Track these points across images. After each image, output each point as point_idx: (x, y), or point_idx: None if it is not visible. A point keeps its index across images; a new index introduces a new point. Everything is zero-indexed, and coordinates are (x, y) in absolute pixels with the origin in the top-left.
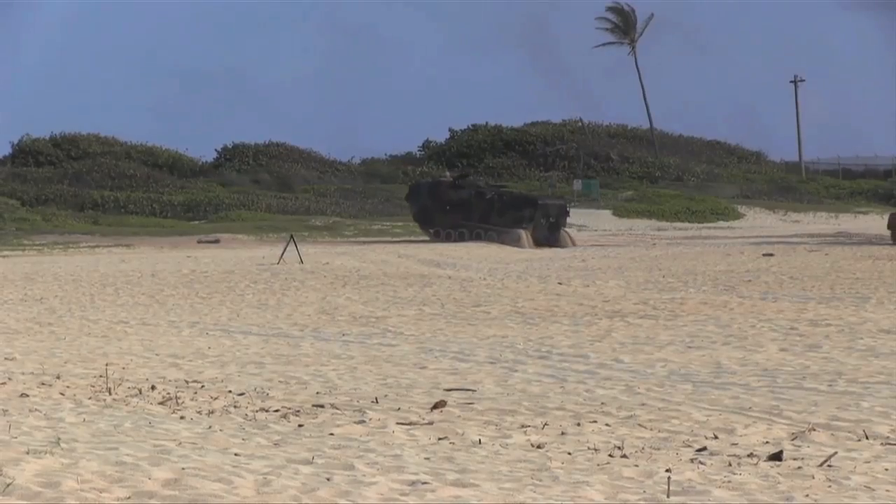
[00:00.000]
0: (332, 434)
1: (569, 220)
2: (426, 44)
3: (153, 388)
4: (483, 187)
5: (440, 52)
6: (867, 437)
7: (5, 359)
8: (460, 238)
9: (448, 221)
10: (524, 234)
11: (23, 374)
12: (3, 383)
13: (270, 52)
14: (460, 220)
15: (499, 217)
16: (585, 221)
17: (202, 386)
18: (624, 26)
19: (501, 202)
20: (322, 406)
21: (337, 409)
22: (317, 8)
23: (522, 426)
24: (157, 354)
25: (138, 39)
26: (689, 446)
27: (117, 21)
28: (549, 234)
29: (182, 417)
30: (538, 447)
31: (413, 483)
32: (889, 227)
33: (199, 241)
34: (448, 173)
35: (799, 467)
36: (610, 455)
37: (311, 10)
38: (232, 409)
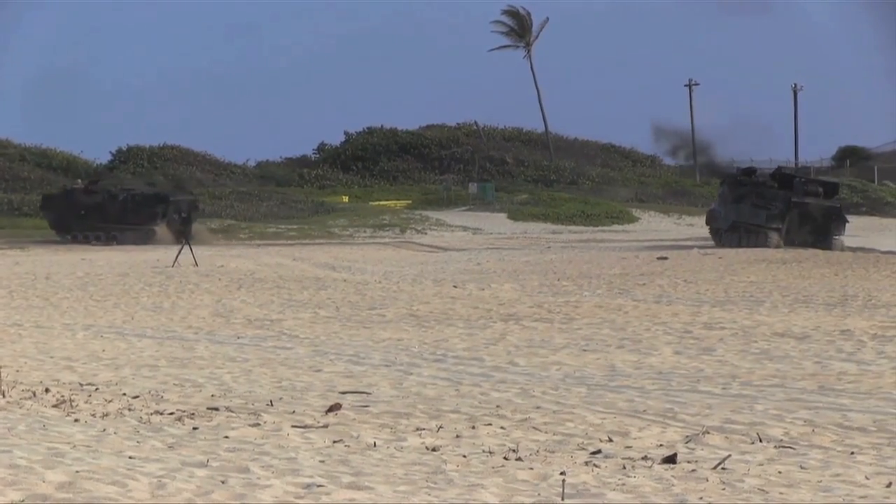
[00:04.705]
0: (226, 437)
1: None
2: (321, 45)
3: (47, 390)
4: (115, 190)
5: (336, 53)
6: (761, 440)
7: None
8: (98, 240)
9: (85, 226)
10: (160, 231)
11: None
12: None
13: (164, 55)
14: (97, 224)
15: (134, 216)
16: (481, 224)
17: (96, 389)
18: (519, 30)
19: (134, 202)
20: (217, 409)
21: (232, 411)
22: (210, 8)
23: (417, 429)
24: (51, 357)
25: (31, 40)
26: (584, 449)
27: (8, 20)
28: (182, 229)
29: (76, 420)
30: (433, 450)
31: (308, 486)
32: (707, 223)
33: (94, 244)
34: (80, 181)
35: (693, 470)
36: (505, 458)
37: (204, 11)
38: (126, 412)
